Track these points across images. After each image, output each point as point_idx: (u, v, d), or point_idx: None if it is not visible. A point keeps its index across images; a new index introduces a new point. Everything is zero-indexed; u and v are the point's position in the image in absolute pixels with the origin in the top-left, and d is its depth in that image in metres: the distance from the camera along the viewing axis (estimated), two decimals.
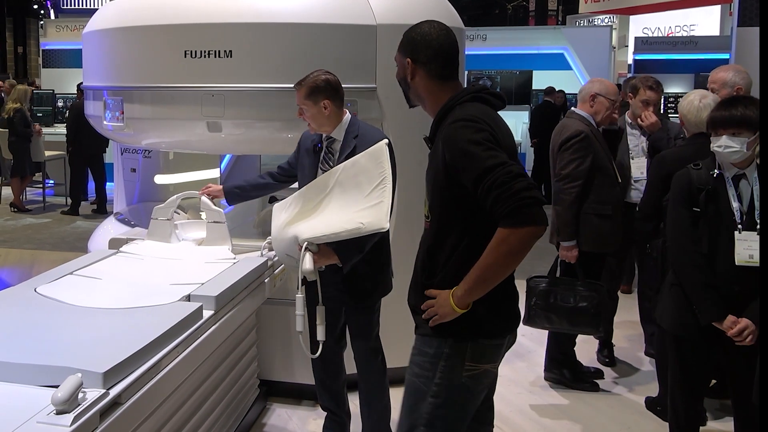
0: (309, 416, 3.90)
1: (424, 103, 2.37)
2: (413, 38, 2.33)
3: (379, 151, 2.90)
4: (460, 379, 2.22)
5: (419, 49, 2.30)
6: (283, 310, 3.88)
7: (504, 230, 2.03)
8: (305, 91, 3.16)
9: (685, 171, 3.01)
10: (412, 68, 2.32)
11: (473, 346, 2.22)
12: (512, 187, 2.00)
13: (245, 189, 3.66)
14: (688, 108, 3.70)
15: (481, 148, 2.08)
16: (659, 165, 3.78)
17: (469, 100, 2.25)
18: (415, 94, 2.37)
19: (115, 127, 4.21)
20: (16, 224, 9.07)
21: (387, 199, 2.81)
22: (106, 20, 4.30)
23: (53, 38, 13.93)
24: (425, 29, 2.32)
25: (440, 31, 2.32)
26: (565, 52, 13.52)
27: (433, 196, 2.27)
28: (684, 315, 2.97)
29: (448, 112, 2.24)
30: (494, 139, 2.12)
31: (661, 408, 3.98)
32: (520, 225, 2.00)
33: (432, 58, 2.29)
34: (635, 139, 4.56)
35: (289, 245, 3.04)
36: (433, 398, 2.24)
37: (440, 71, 2.30)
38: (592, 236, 4.02)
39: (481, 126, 2.13)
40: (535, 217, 2.01)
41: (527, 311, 3.98)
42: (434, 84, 2.31)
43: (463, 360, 2.21)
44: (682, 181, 2.99)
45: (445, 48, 2.30)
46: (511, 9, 28.76)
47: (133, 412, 2.13)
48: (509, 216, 2.01)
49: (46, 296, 2.77)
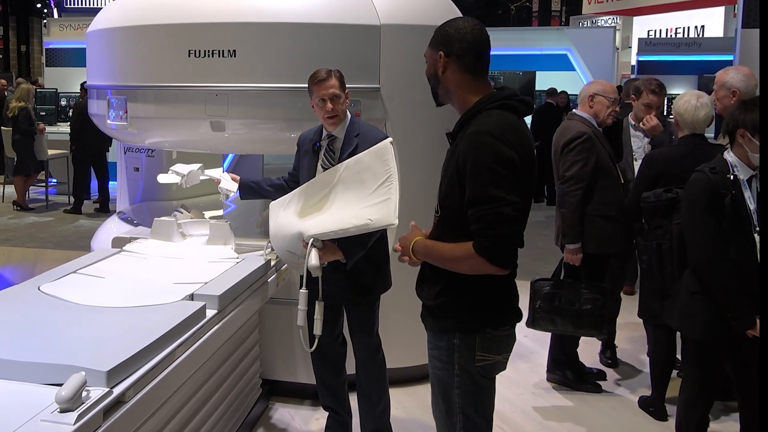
0: (311, 416, 3.90)
1: (452, 99, 2.35)
2: (447, 32, 2.31)
3: (384, 149, 2.92)
4: (475, 369, 2.30)
5: (453, 42, 2.29)
6: (286, 309, 3.88)
7: (471, 250, 2.14)
8: (339, 80, 3.17)
9: (704, 176, 2.90)
10: (445, 62, 2.30)
11: (481, 337, 2.28)
12: (496, 230, 2.10)
13: (261, 186, 3.62)
14: (685, 107, 3.68)
15: (492, 174, 2.11)
16: (649, 164, 3.78)
17: (497, 107, 2.24)
18: (444, 90, 2.35)
19: (119, 126, 4.22)
20: (19, 223, 9.08)
21: (394, 196, 2.83)
22: (110, 19, 4.31)
23: (56, 37, 13.93)
24: (459, 24, 2.32)
25: (474, 26, 2.31)
26: (568, 53, 13.51)
27: (445, 192, 2.29)
28: (714, 323, 2.91)
29: (476, 113, 2.25)
30: (511, 164, 2.13)
31: (654, 409, 3.98)
32: (486, 257, 2.12)
33: (466, 51, 2.27)
34: (638, 141, 4.55)
35: (291, 242, 3.05)
36: (458, 388, 2.33)
37: (473, 65, 2.29)
38: (596, 238, 4.02)
39: (503, 147, 2.13)
40: (502, 260, 2.13)
41: (532, 314, 3.98)
42: (465, 79, 2.29)
43: (474, 351, 2.28)
44: (704, 186, 2.88)
45: (479, 42, 2.29)
46: (514, 10, 28.75)
47: (136, 411, 2.14)
48: (482, 245, 2.12)
49: (50, 295, 2.77)
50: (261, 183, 3.64)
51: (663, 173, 3.64)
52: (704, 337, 3.00)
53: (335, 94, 3.15)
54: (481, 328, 2.27)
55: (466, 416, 2.34)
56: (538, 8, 27.14)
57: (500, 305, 2.30)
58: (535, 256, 7.00)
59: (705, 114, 3.65)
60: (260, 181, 3.66)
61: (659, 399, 3.95)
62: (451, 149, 2.30)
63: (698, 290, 2.97)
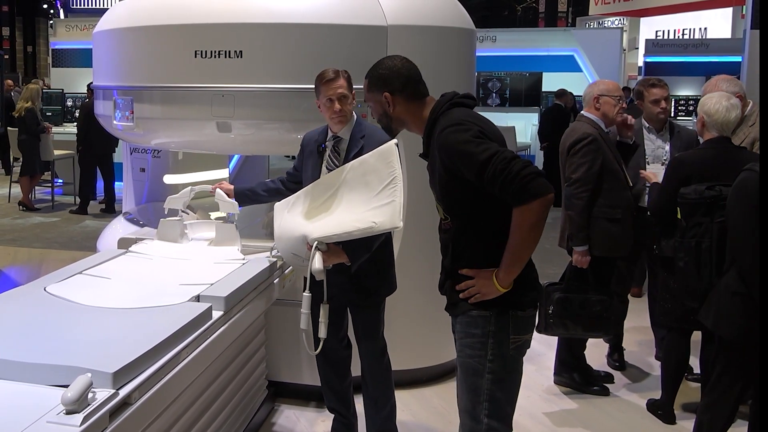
0: (317, 418, 3.89)
1: (409, 125, 2.57)
2: (382, 74, 2.54)
3: (388, 151, 2.89)
4: (509, 352, 2.42)
5: (392, 81, 2.51)
6: (292, 311, 3.86)
7: (518, 209, 2.24)
8: (347, 80, 3.19)
9: (755, 175, 2.84)
10: (392, 99, 2.51)
11: (513, 319, 2.41)
12: (511, 170, 2.21)
13: (256, 192, 3.64)
14: (716, 108, 3.59)
15: (473, 144, 2.28)
16: (677, 167, 3.70)
17: (449, 108, 2.45)
18: (398, 122, 2.57)
19: (125, 126, 4.22)
20: (25, 223, 9.10)
21: (399, 198, 2.82)
22: (117, 20, 4.30)
23: (63, 38, 13.98)
24: (388, 63, 2.55)
25: (402, 60, 2.56)
26: (575, 54, 13.47)
27: (445, 200, 2.46)
28: (751, 325, 2.87)
29: (434, 123, 2.45)
30: (482, 134, 2.33)
31: (662, 413, 3.95)
32: (529, 200, 2.22)
33: (405, 83, 2.51)
34: (651, 144, 4.52)
35: (295, 244, 3.03)
36: (490, 374, 2.42)
37: (415, 92, 2.53)
38: (602, 240, 3.99)
39: (467, 126, 2.34)
40: (539, 189, 2.22)
41: (543, 320, 3.94)
42: (413, 105, 2.53)
43: (508, 333, 2.40)
44: (756, 186, 2.81)
45: (413, 72, 2.54)
46: (520, 10, 28.73)
47: (142, 413, 2.13)
48: (517, 196, 2.22)
49: (56, 295, 2.76)
50: (255, 189, 3.65)
51: (692, 175, 3.58)
52: (739, 339, 2.97)
53: (343, 95, 3.14)
54: (513, 310, 2.40)
55: (493, 402, 2.43)
56: (545, 9, 27.10)
57: (525, 290, 2.41)
58: (542, 259, 6.93)
59: (735, 116, 3.60)
60: (254, 187, 3.66)
61: (668, 402, 3.93)
62: (429, 164, 2.50)
63: (740, 291, 2.94)
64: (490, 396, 2.43)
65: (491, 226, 2.37)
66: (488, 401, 2.43)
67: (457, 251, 2.46)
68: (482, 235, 2.40)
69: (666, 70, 10.85)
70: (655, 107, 4.43)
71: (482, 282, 2.37)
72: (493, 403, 2.43)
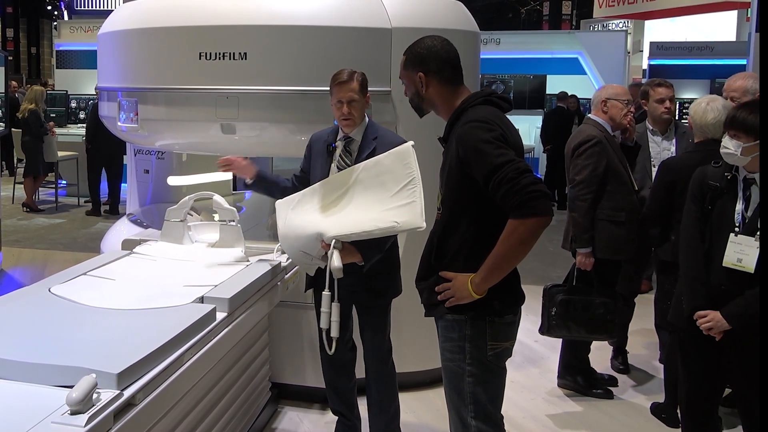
0: (320, 419, 3.89)
1: (438, 109, 2.56)
2: (419, 53, 2.52)
3: (406, 152, 2.88)
4: (487, 357, 2.42)
5: (428, 61, 2.50)
6: (295, 313, 3.88)
7: (514, 221, 2.23)
8: (361, 84, 3.18)
9: (703, 168, 3.02)
10: (425, 80, 2.51)
11: (490, 325, 2.40)
12: (519, 183, 2.20)
13: (270, 180, 3.47)
14: (695, 110, 3.66)
15: (492, 146, 2.27)
16: (664, 172, 3.76)
17: (480, 103, 2.44)
18: (429, 104, 2.56)
19: (130, 128, 4.22)
20: (29, 224, 9.11)
21: (419, 199, 2.80)
22: (122, 22, 4.32)
23: (67, 39, 13.99)
24: (428, 43, 2.53)
25: (443, 42, 2.54)
26: (579, 57, 13.45)
27: (446, 189, 2.46)
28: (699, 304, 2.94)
29: (461, 113, 2.44)
30: (504, 139, 2.32)
31: (666, 416, 3.95)
32: (528, 216, 2.21)
33: (442, 66, 2.50)
34: (656, 146, 4.52)
35: (306, 242, 2.96)
36: (471, 377, 2.43)
37: (451, 77, 2.52)
38: (606, 243, 3.98)
39: (492, 126, 2.32)
40: (541, 209, 2.21)
41: (547, 322, 3.95)
42: (447, 89, 2.52)
43: (485, 339, 2.40)
44: (699, 177, 3.01)
45: (451, 55, 2.53)
46: (524, 13, 28.71)
47: (146, 413, 2.13)
48: (518, 208, 2.21)
49: (60, 296, 2.77)
50: (271, 178, 3.50)
51: (678, 180, 3.59)
52: (682, 324, 3.03)
53: (353, 99, 3.14)
54: (490, 317, 2.39)
55: (477, 404, 2.43)
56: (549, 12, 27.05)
57: (502, 296, 2.39)
58: (546, 261, 6.97)
59: (713, 118, 3.56)
60: (272, 177, 3.52)
61: (672, 406, 3.92)
62: (445, 150, 2.49)
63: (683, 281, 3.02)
64: (473, 398, 2.43)
65: (479, 232, 2.37)
66: (473, 403, 2.44)
67: (442, 249, 2.46)
68: (468, 239, 2.40)
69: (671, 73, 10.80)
70: (660, 106, 4.43)
71: (457, 285, 2.37)
72: (478, 404, 2.44)
